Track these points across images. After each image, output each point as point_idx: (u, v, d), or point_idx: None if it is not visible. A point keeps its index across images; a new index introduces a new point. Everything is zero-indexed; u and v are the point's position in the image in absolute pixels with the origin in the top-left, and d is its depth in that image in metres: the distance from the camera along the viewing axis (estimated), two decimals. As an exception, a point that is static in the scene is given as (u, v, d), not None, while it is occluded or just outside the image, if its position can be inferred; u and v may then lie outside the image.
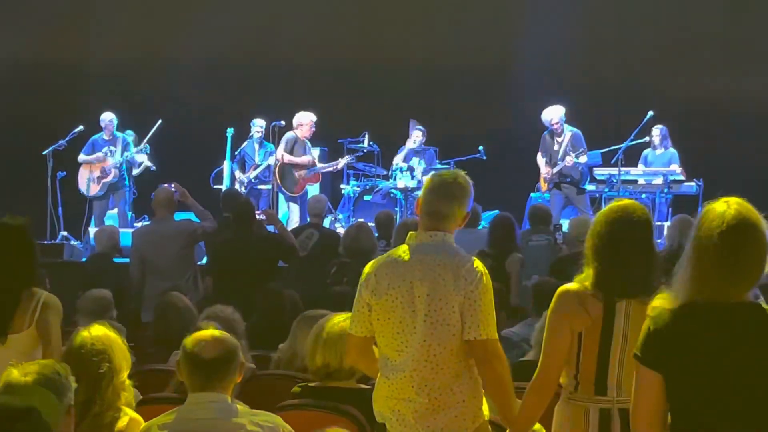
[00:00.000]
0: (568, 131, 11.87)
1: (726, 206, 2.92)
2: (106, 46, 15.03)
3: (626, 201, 3.92)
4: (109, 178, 12.62)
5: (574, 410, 3.82)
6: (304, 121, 12.38)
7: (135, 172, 13.01)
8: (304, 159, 12.48)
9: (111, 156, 12.62)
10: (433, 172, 4.26)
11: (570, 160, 11.62)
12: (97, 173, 12.63)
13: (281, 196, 12.65)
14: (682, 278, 2.92)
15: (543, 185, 12.11)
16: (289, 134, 12.47)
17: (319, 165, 12.60)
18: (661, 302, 2.99)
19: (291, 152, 12.41)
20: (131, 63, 14.89)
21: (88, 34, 15.12)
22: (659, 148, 12.27)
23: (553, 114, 11.88)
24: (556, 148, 11.89)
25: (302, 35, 15.01)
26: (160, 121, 12.90)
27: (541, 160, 12.05)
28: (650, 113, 11.77)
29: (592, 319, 3.74)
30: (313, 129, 12.47)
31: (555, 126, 11.87)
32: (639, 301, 3.70)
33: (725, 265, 2.87)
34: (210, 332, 3.89)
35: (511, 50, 14.60)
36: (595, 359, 3.75)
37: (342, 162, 12.59)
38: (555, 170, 11.79)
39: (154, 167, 13.12)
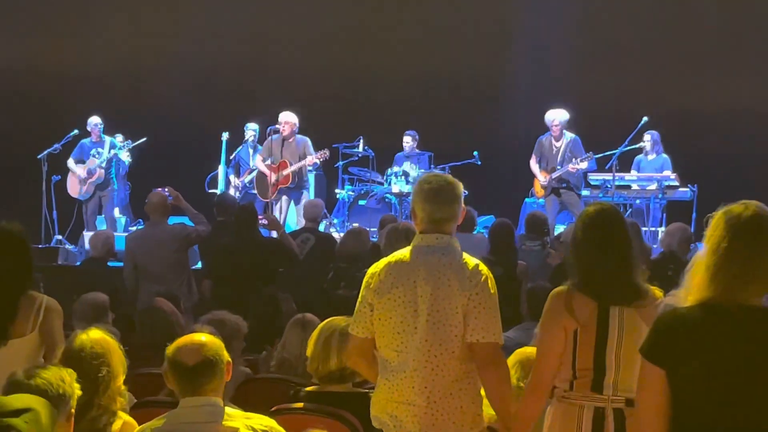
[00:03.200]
0: (567, 136, 11.81)
1: (744, 207, 2.94)
2: (100, 50, 15.03)
3: (599, 205, 4.04)
4: (94, 178, 12.68)
5: (567, 409, 3.84)
6: (279, 120, 12.03)
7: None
8: (271, 165, 12.03)
9: (98, 157, 12.67)
10: (420, 178, 4.24)
11: (573, 167, 11.53)
12: (83, 175, 12.68)
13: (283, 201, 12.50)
14: (694, 277, 2.93)
15: (538, 191, 12.00)
16: (271, 138, 12.17)
17: (291, 167, 11.93)
18: (672, 300, 2.99)
19: (269, 155, 12.10)
20: (126, 67, 14.91)
21: (82, 39, 15.10)
22: (651, 153, 12.26)
23: (556, 115, 11.75)
24: (553, 152, 11.80)
25: (298, 40, 15.02)
26: (145, 138, 12.90)
27: (535, 165, 11.93)
28: (645, 119, 11.77)
29: (584, 320, 3.78)
30: (290, 128, 11.86)
31: (555, 127, 11.75)
32: (632, 306, 3.78)
33: (737, 265, 2.87)
34: (190, 337, 3.87)
35: (506, 56, 14.62)
36: (591, 357, 3.79)
37: (310, 159, 11.92)
38: (554, 175, 11.70)
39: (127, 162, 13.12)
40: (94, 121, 12.88)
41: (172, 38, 14.96)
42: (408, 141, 13.11)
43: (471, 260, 4.00)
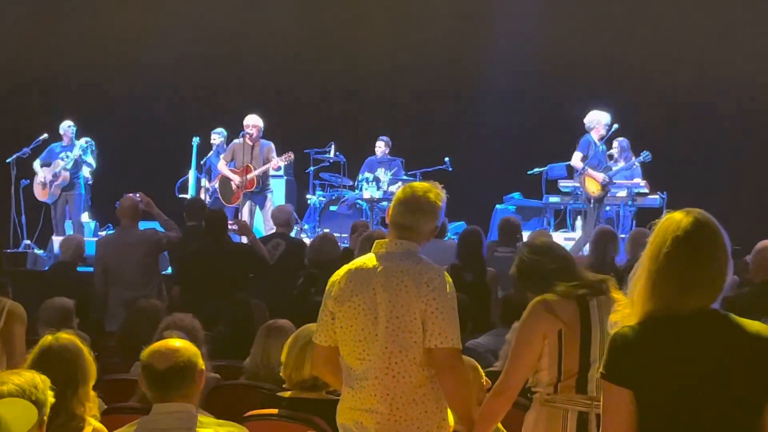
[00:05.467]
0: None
1: (684, 214, 2.90)
2: (71, 56, 14.95)
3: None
4: (59, 181, 12.61)
5: (551, 413, 3.89)
6: (246, 123, 11.96)
7: (86, 172, 12.97)
8: (234, 169, 12.05)
9: (65, 160, 12.60)
10: (407, 183, 4.24)
11: (637, 162, 11.40)
12: (49, 177, 12.62)
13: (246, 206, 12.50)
14: (636, 287, 2.89)
15: (593, 190, 11.53)
16: (234, 141, 12.19)
17: (254, 172, 11.85)
18: (618, 316, 2.95)
19: (232, 159, 12.08)
20: (96, 70, 14.85)
21: (50, 42, 15.02)
22: (620, 160, 12.31)
23: (607, 117, 11.57)
24: (600, 152, 11.56)
25: (268, 45, 15.01)
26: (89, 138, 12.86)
27: (581, 162, 11.54)
28: (615, 126, 11.82)
29: (566, 321, 3.88)
30: (256, 131, 11.81)
31: (603, 127, 11.51)
32: (606, 297, 3.95)
33: (676, 272, 2.83)
34: (164, 342, 3.86)
35: (477, 63, 14.68)
36: (577, 357, 3.86)
37: (275, 163, 11.88)
38: (612, 174, 11.49)
39: (90, 181, 13.03)
40: (66, 124, 12.81)
41: (142, 41, 14.90)
42: (381, 146, 13.13)
43: (428, 265, 3.97)
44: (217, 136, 13.11)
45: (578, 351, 3.86)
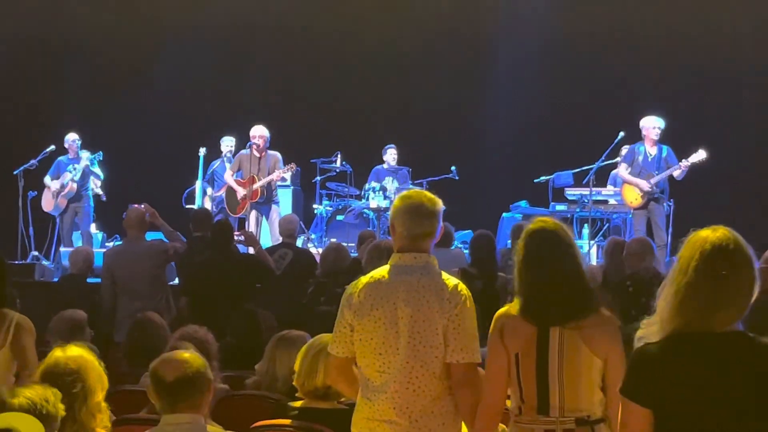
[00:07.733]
0: (662, 145, 11.52)
1: (711, 231, 2.92)
2: (76, 65, 14.99)
3: (541, 220, 3.93)
4: (66, 191, 12.62)
5: None
6: (252, 134, 11.94)
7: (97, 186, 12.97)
8: (239, 180, 12.07)
9: (73, 172, 12.62)
10: (399, 194, 4.25)
11: (686, 163, 11.16)
12: (57, 188, 12.63)
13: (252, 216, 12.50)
14: (664, 305, 2.90)
15: (631, 201, 11.36)
16: (241, 152, 12.22)
17: (259, 182, 11.87)
18: (645, 331, 2.95)
19: (238, 170, 12.11)
20: (102, 81, 14.89)
21: (57, 51, 15.07)
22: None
23: (658, 122, 11.44)
24: (649, 160, 11.38)
25: (274, 56, 15.04)
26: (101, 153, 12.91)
27: (627, 174, 11.40)
28: (621, 134, 11.78)
29: (524, 342, 3.75)
30: (263, 142, 11.79)
31: (655, 130, 11.37)
32: (571, 327, 3.73)
33: (704, 290, 2.85)
34: (173, 354, 3.88)
35: (483, 71, 14.69)
36: (534, 380, 3.74)
37: (277, 174, 11.88)
38: (653, 181, 11.22)
39: (105, 197, 13.05)
40: (72, 137, 12.84)
41: (147, 51, 14.95)
42: (393, 153, 13.11)
43: (450, 280, 3.99)
44: (229, 143, 13.13)
45: (535, 377, 3.73)
